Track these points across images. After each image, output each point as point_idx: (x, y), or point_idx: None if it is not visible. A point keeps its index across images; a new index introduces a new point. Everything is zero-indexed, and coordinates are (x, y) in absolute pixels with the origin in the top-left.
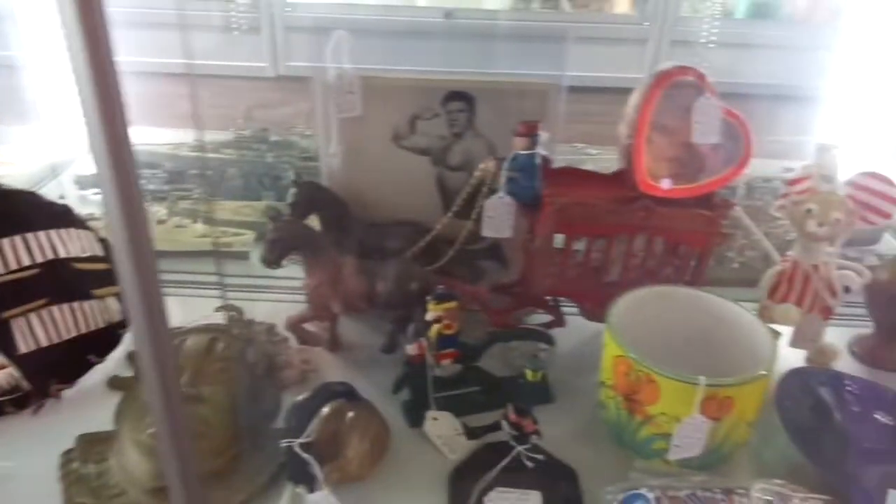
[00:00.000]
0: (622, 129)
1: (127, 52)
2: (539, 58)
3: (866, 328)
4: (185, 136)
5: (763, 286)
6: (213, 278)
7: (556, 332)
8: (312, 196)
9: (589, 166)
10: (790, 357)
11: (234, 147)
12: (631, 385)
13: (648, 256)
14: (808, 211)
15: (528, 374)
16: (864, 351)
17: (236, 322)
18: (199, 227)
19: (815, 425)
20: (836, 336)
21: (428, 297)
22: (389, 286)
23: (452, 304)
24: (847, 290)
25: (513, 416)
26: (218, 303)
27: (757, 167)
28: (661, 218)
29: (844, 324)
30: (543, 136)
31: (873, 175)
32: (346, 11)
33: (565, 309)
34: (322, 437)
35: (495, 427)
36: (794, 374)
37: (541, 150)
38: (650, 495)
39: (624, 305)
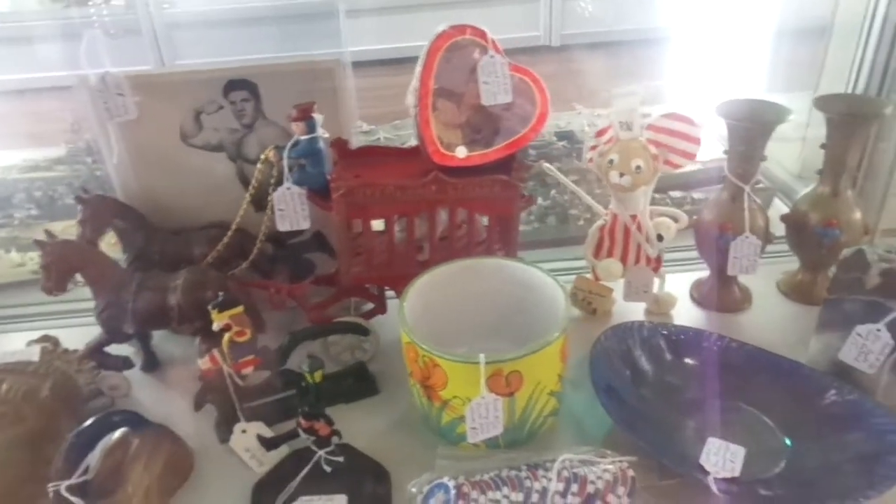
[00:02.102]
0: (410, 100)
1: None
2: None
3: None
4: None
5: (587, 243)
6: (33, 310)
7: (382, 319)
8: (101, 211)
9: None
10: (629, 310)
11: (66, 163)
12: (422, 371)
13: (454, 230)
14: (610, 162)
15: (307, 377)
16: (701, 295)
17: (48, 354)
18: (15, 255)
19: (631, 384)
20: (684, 281)
21: (209, 306)
22: (180, 298)
23: (238, 310)
24: (660, 238)
25: (303, 423)
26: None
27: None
28: (456, 189)
29: (692, 268)
30: (318, 117)
31: (673, 115)
32: (229, 2)
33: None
34: (103, 473)
35: (294, 434)
36: (612, 332)
37: (322, 133)
38: (451, 483)
39: (422, 286)
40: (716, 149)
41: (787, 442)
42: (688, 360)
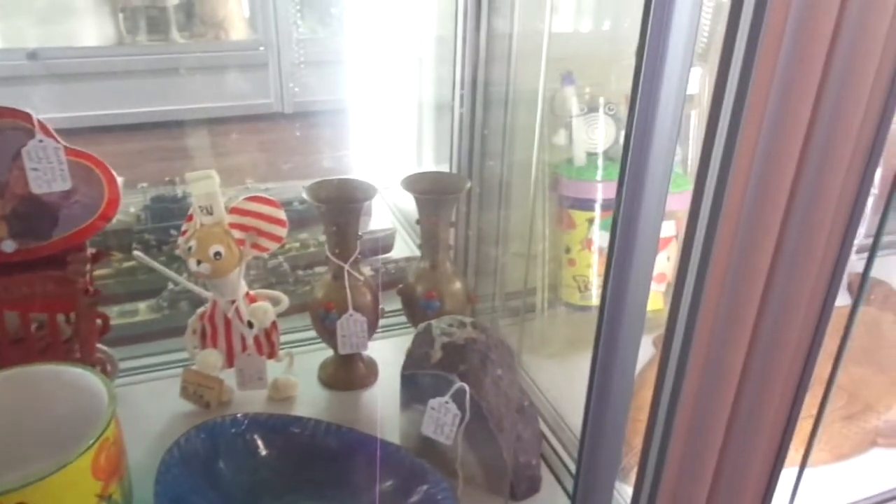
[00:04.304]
0: None
1: None
2: (150, 94)
3: None
4: None
5: (187, 333)
6: None
7: None
8: None
9: None
10: (249, 399)
11: None
12: None
13: (6, 335)
14: (189, 248)
15: None
16: (326, 374)
17: None
18: None
19: (209, 490)
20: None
21: None
22: None
23: None
24: (250, 325)
25: None
26: None
27: (278, 191)
28: (4, 289)
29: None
30: None
31: (256, 198)
32: None
33: None
34: None
35: None
36: (194, 432)
37: None
38: None
39: None
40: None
41: None
42: (274, 454)
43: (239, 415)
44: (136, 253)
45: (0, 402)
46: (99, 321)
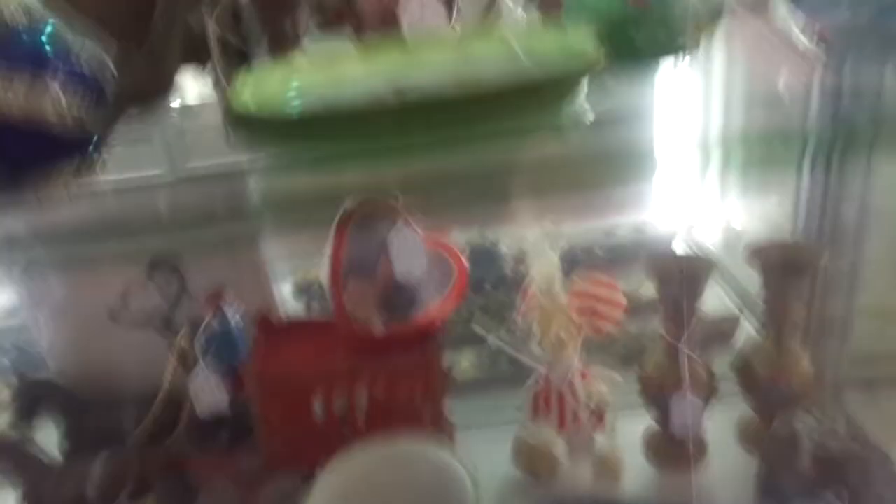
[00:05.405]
0: (322, 276)
1: None
2: None
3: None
4: None
5: (523, 406)
6: None
7: None
8: (37, 395)
9: None
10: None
11: None
12: None
13: (374, 405)
14: (531, 333)
15: None
16: (652, 451)
17: None
18: None
19: None
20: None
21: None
22: (96, 491)
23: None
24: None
25: None
26: None
27: (575, 234)
28: (373, 364)
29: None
30: (230, 304)
31: (597, 281)
32: None
33: None
34: None
35: None
36: None
37: (235, 315)
38: None
39: (335, 478)
40: None
41: None
42: None
43: (582, 493)
44: (475, 326)
45: (375, 476)
46: None
